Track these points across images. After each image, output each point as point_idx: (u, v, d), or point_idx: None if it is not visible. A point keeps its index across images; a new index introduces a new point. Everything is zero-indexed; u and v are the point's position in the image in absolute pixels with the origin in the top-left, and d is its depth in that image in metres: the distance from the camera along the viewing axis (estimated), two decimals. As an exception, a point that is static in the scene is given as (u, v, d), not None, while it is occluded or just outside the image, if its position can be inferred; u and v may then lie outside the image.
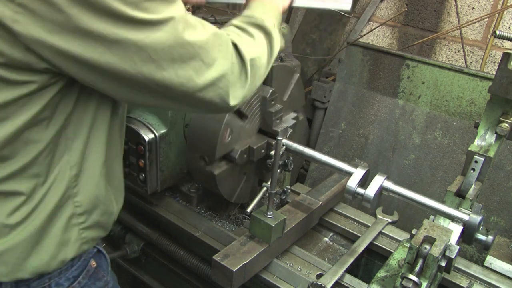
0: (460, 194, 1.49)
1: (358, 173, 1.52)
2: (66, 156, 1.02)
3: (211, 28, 0.99)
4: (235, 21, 1.16)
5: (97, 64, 0.86)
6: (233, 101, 1.03)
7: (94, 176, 1.09)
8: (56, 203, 1.02)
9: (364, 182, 1.55)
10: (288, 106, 1.84)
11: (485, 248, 1.38)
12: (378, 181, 1.48)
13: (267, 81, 1.71)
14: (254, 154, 1.66)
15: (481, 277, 1.58)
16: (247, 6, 1.23)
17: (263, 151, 1.70)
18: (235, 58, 1.02)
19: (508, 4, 2.58)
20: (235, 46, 1.02)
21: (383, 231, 1.82)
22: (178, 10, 0.91)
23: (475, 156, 1.47)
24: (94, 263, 1.21)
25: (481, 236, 1.37)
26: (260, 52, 1.11)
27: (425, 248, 1.21)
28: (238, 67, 1.02)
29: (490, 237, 1.36)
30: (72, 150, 1.02)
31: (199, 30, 0.95)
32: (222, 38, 1.00)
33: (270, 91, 1.67)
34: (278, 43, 1.22)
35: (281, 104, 1.76)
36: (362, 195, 1.48)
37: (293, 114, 1.87)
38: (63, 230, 1.06)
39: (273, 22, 1.21)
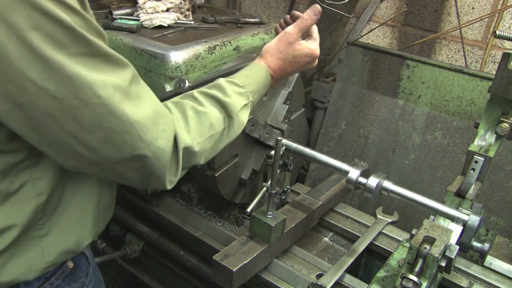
0: (460, 194, 1.48)
1: (358, 167, 1.54)
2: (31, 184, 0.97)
3: (156, 105, 0.94)
4: (202, 90, 1.13)
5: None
6: (165, 182, 0.99)
7: (66, 204, 1.05)
8: (22, 227, 0.97)
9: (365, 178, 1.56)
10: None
11: (481, 256, 1.39)
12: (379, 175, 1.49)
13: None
14: (259, 128, 1.69)
15: (481, 277, 1.58)
16: (245, 65, 1.23)
17: (266, 135, 1.75)
18: (172, 143, 0.97)
19: (508, 4, 2.58)
20: (175, 130, 0.98)
21: (383, 231, 1.82)
22: (120, 77, 0.86)
23: (475, 156, 1.47)
24: (71, 263, 1.16)
25: (477, 244, 1.37)
26: (204, 141, 1.06)
27: (425, 248, 1.21)
28: (173, 154, 0.97)
29: (487, 245, 1.36)
30: (39, 179, 0.97)
31: (141, 105, 0.89)
32: (166, 119, 0.96)
33: (289, 90, 1.71)
34: (241, 127, 1.18)
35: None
36: (364, 184, 1.49)
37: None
38: (30, 252, 1.01)
39: (247, 100, 1.17)
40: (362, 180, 1.51)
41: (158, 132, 0.92)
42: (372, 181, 1.48)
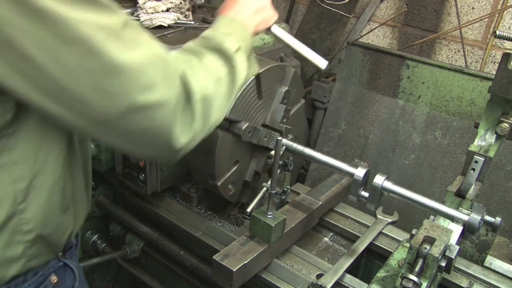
0: (460, 194, 1.48)
1: (359, 173, 1.54)
2: (8, 170, 0.90)
3: (156, 49, 0.86)
4: (191, 43, 1.04)
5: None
6: (177, 141, 0.87)
7: (45, 193, 0.98)
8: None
9: (365, 182, 1.56)
10: (289, 124, 1.87)
11: (493, 230, 1.38)
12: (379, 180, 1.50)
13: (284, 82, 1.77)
14: (258, 135, 1.70)
15: (481, 277, 1.58)
16: (212, 24, 1.10)
17: (265, 138, 1.76)
18: (180, 90, 0.87)
19: (508, 4, 2.58)
20: (183, 76, 0.88)
21: (383, 231, 1.82)
22: (107, 18, 0.78)
23: (475, 156, 1.47)
24: (55, 278, 1.09)
25: (489, 218, 1.37)
26: (214, 85, 0.97)
27: (425, 248, 1.21)
28: (182, 102, 0.87)
29: (498, 219, 1.36)
30: (17, 164, 0.91)
31: (134, 48, 0.80)
32: (167, 63, 0.86)
33: (286, 88, 1.74)
34: (243, 70, 1.08)
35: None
36: (366, 198, 1.50)
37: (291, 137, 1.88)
38: (4, 246, 0.94)
39: (237, 44, 1.06)
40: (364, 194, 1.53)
41: (158, 77, 0.82)
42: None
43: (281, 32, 1.35)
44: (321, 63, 1.35)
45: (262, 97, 1.67)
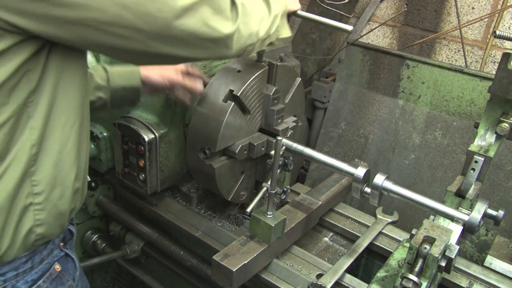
0: (460, 194, 1.48)
1: (359, 172, 1.54)
2: (27, 135, 0.98)
3: None
4: None
5: None
6: (225, 29, 1.01)
7: (53, 155, 1.05)
8: (15, 183, 0.98)
9: (366, 182, 1.56)
10: (288, 109, 1.84)
11: (496, 223, 1.40)
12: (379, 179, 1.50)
13: (270, 80, 1.71)
14: (254, 150, 1.66)
15: (481, 277, 1.58)
16: None
17: (263, 148, 1.70)
18: None
19: (508, 4, 2.58)
20: None
21: (383, 231, 1.82)
22: None
23: (475, 156, 1.47)
24: (58, 267, 1.15)
25: (491, 211, 1.38)
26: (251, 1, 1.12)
27: (425, 248, 1.21)
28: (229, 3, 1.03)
29: (501, 212, 1.37)
30: (33, 129, 0.98)
31: None
32: None
33: (274, 89, 1.67)
34: (277, 30, 1.24)
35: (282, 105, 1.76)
36: (369, 194, 1.51)
37: (293, 118, 1.88)
38: (20, 211, 1.01)
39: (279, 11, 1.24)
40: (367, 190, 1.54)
41: None
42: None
43: (305, 13, 1.54)
44: (348, 27, 1.52)
45: (249, 111, 1.65)
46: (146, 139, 1.68)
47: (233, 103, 1.57)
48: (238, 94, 1.57)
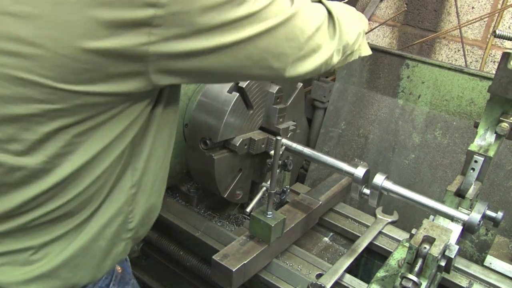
0: (460, 194, 1.48)
1: (359, 172, 1.54)
2: (129, 175, 0.98)
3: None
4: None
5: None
6: (334, 60, 1.16)
7: (149, 190, 1.05)
8: (108, 219, 0.99)
9: (366, 182, 1.56)
10: (288, 113, 1.85)
11: (495, 225, 1.40)
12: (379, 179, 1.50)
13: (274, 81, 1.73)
14: (254, 146, 1.67)
15: (481, 277, 1.58)
16: None
17: (263, 145, 1.71)
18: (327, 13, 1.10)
19: (508, 3, 2.58)
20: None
21: (383, 231, 1.82)
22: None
23: (474, 155, 1.47)
24: (119, 268, 1.19)
25: (490, 213, 1.38)
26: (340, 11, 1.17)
27: (425, 248, 1.21)
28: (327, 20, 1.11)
29: (500, 213, 1.37)
30: (135, 169, 0.99)
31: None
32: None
33: (277, 88, 1.69)
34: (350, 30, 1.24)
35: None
36: (368, 195, 1.50)
37: (292, 123, 1.88)
38: (110, 245, 1.02)
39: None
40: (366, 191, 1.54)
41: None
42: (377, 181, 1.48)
43: None
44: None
45: (252, 106, 1.66)
46: (146, 139, 1.68)
47: (238, 94, 1.59)
48: (244, 86, 1.59)
